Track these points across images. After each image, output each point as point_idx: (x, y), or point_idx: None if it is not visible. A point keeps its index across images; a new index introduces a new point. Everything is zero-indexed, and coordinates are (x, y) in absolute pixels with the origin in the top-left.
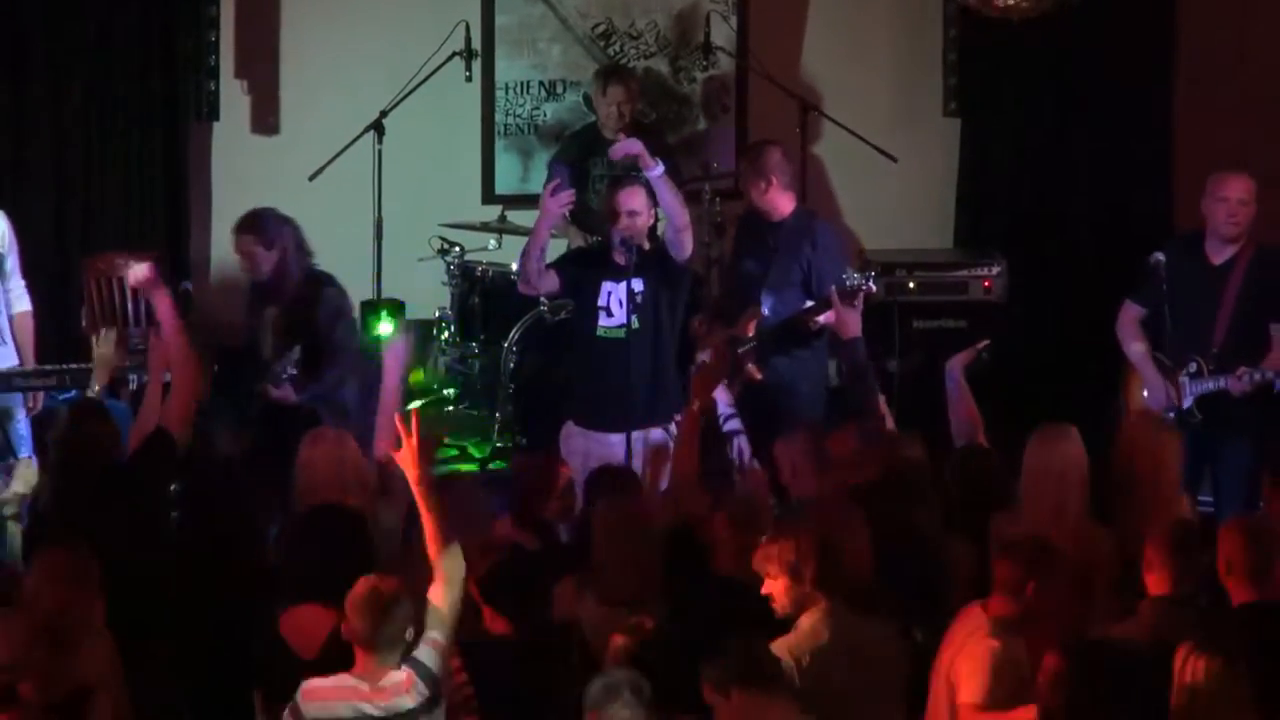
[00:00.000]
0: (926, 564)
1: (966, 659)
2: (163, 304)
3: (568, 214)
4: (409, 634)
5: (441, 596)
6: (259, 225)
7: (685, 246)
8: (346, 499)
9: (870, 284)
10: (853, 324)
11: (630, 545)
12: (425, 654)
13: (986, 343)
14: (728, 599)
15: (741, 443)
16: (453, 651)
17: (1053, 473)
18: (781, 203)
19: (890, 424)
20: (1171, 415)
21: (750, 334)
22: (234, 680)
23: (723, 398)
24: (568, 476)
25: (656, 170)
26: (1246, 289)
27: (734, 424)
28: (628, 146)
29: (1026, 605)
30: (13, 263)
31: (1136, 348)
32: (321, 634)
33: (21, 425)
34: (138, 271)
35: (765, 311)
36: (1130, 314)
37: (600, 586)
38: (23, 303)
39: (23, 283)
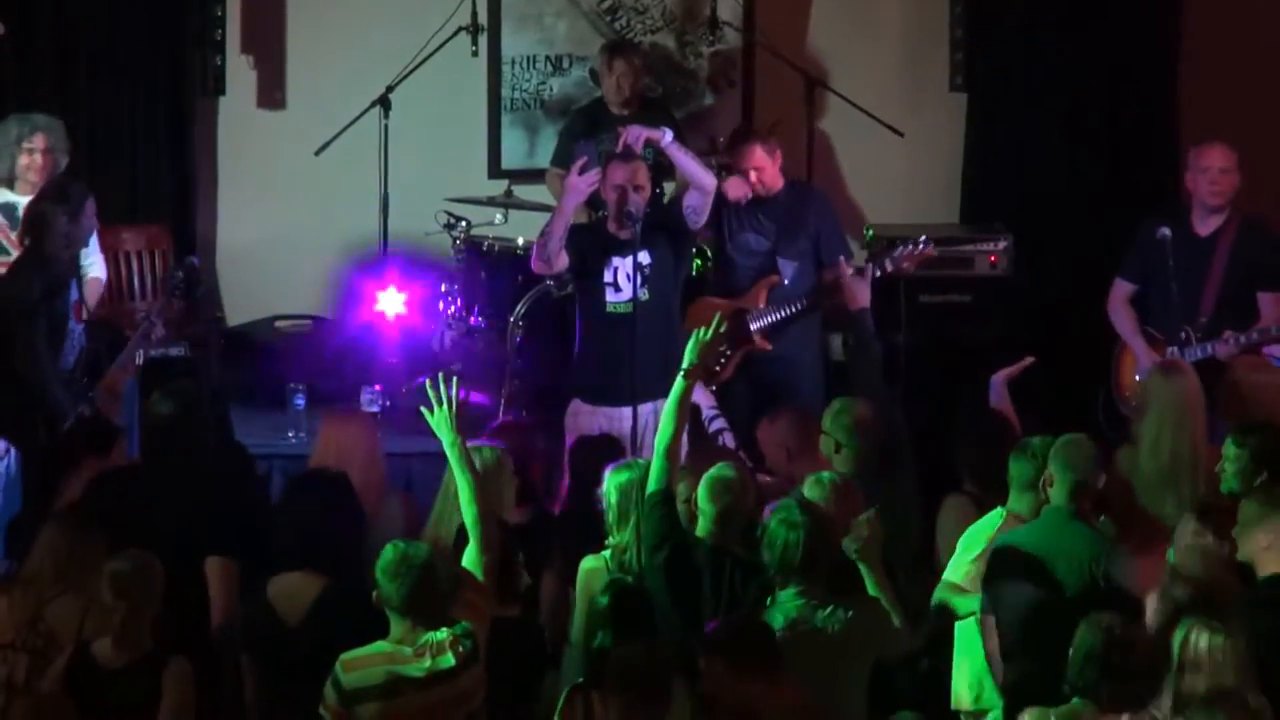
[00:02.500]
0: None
1: None
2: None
3: None
4: (445, 595)
5: (477, 559)
6: None
7: (704, 214)
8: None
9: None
10: (861, 295)
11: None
12: (464, 614)
13: (1031, 360)
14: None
15: (727, 439)
16: (489, 609)
17: (1168, 403)
18: (774, 181)
19: None
20: None
21: (762, 304)
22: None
23: (704, 399)
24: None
25: (667, 137)
26: (1234, 259)
27: (719, 423)
28: (634, 135)
29: None
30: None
31: (1126, 324)
32: (308, 599)
33: None
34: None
35: (785, 282)
36: (1120, 291)
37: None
38: (96, 269)
39: (96, 254)
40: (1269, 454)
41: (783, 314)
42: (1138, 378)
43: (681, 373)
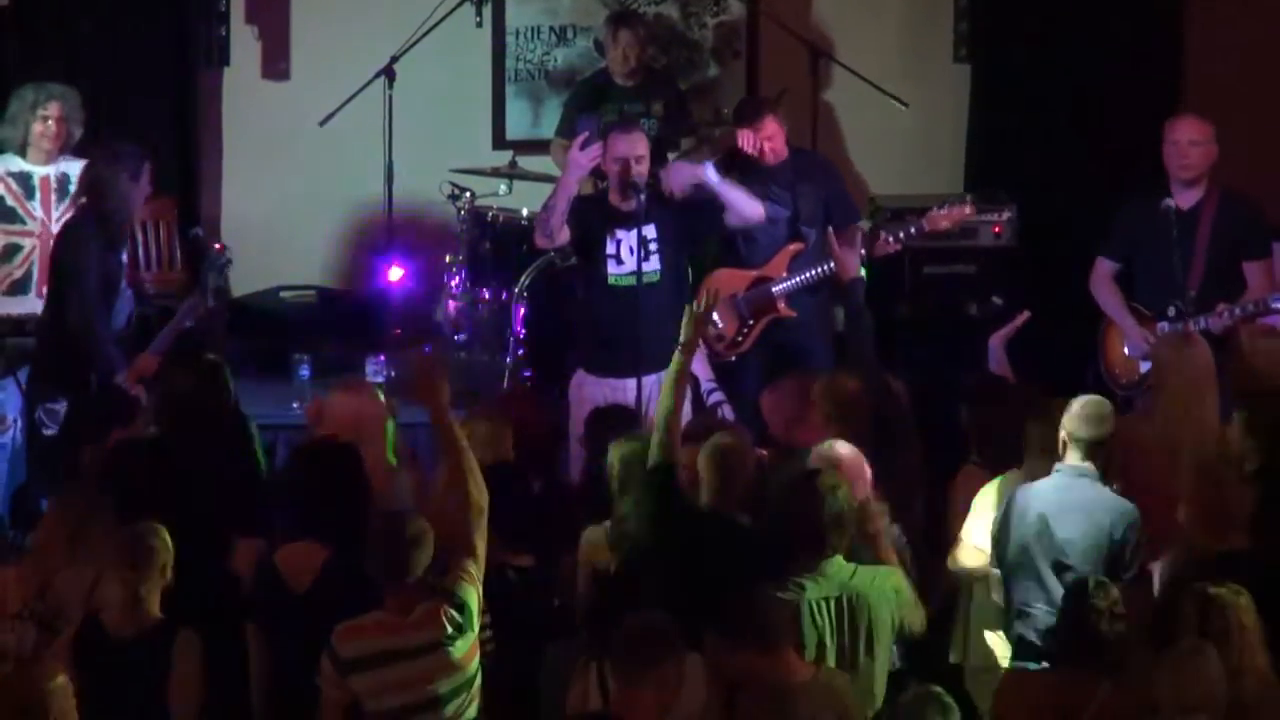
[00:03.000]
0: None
1: None
2: None
3: None
4: (431, 566)
5: (469, 527)
6: None
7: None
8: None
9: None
10: (851, 265)
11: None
12: (456, 583)
13: (1027, 315)
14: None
15: (726, 412)
16: (480, 578)
17: (1184, 375)
18: (782, 150)
19: None
20: (1147, 364)
21: (784, 272)
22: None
23: (703, 372)
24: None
25: (712, 175)
26: (1217, 232)
27: (717, 395)
28: (678, 181)
29: None
30: None
31: (1112, 301)
32: (313, 568)
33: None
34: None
35: (807, 248)
36: (1103, 269)
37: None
38: None
39: None
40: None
41: (808, 278)
42: (1127, 352)
43: (679, 348)
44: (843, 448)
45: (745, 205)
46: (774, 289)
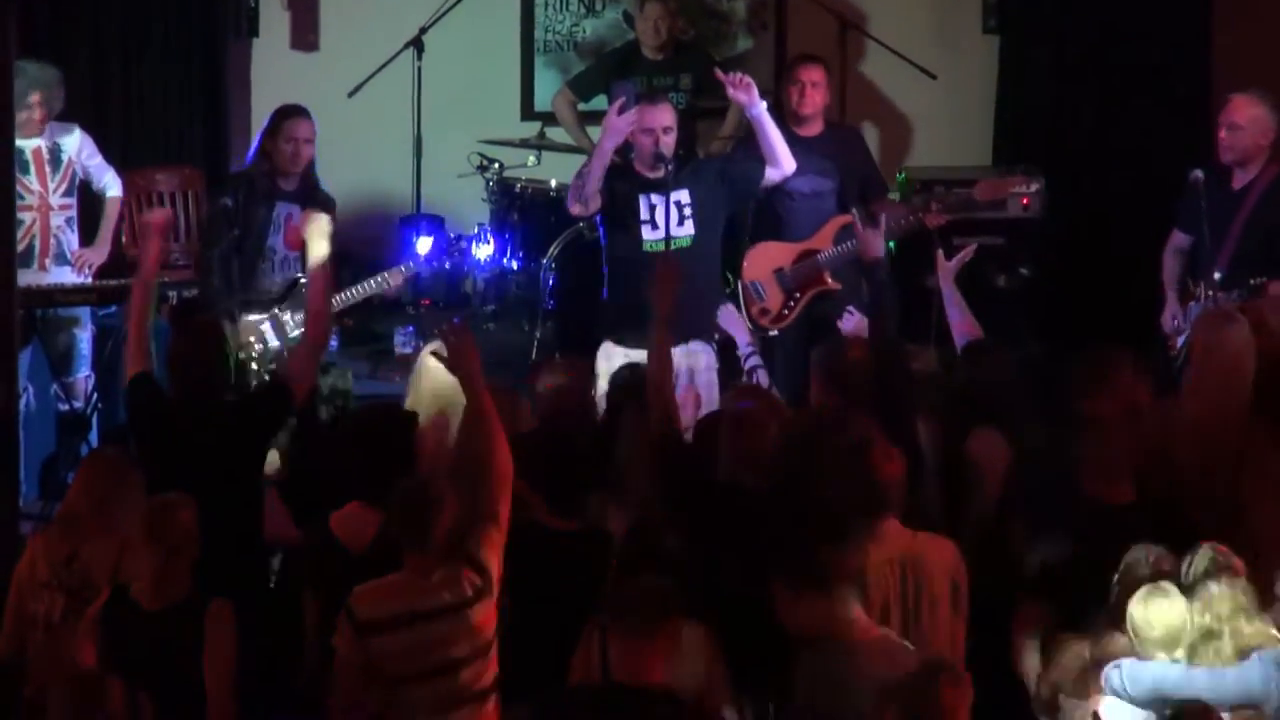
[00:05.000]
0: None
1: None
2: (153, 252)
3: None
4: (454, 528)
5: (494, 493)
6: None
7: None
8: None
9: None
10: (875, 245)
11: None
12: (477, 548)
13: (974, 247)
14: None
15: (760, 377)
16: (502, 545)
17: (1219, 355)
18: (821, 102)
19: None
20: (1181, 339)
21: (830, 244)
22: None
23: (741, 335)
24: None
25: (760, 105)
26: (1259, 213)
27: (754, 360)
28: (742, 90)
29: None
30: (92, 168)
31: (1166, 274)
32: (369, 531)
33: (84, 344)
34: (158, 215)
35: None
36: (1172, 242)
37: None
38: (114, 189)
39: (109, 173)
40: None
41: (852, 249)
42: (1164, 328)
43: (653, 321)
44: None
45: (784, 151)
46: (820, 260)
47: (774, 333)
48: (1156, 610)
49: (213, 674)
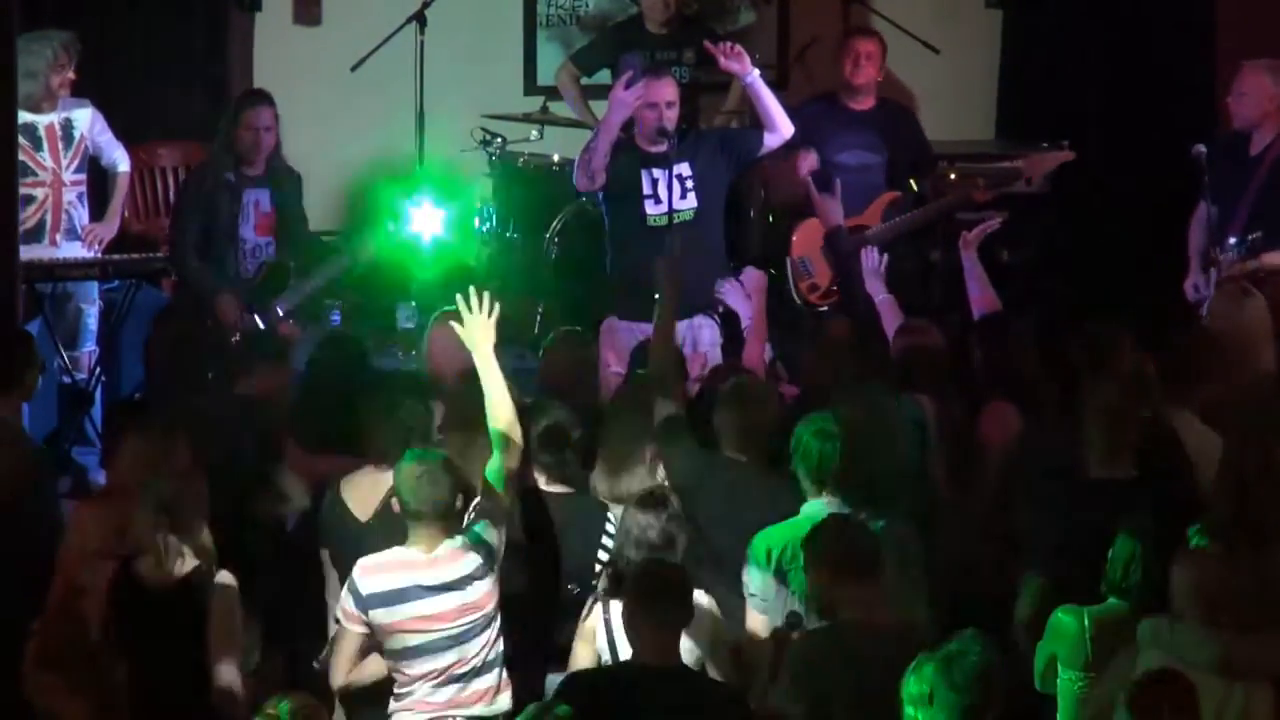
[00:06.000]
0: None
1: None
2: None
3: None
4: (459, 503)
5: (499, 465)
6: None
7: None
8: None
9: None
10: (833, 213)
11: None
12: (479, 522)
13: (997, 220)
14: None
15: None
16: (506, 516)
17: (1237, 327)
18: (875, 75)
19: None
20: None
21: (879, 221)
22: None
23: (744, 309)
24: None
25: (751, 75)
26: (1272, 176)
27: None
28: (734, 58)
29: None
30: (103, 144)
31: (1190, 243)
32: (377, 497)
33: (91, 318)
34: None
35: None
36: (1197, 212)
37: None
38: (123, 165)
39: (118, 149)
40: None
41: (902, 224)
42: (1187, 296)
43: (658, 301)
44: None
45: (780, 116)
46: (869, 235)
47: (824, 308)
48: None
49: (218, 646)
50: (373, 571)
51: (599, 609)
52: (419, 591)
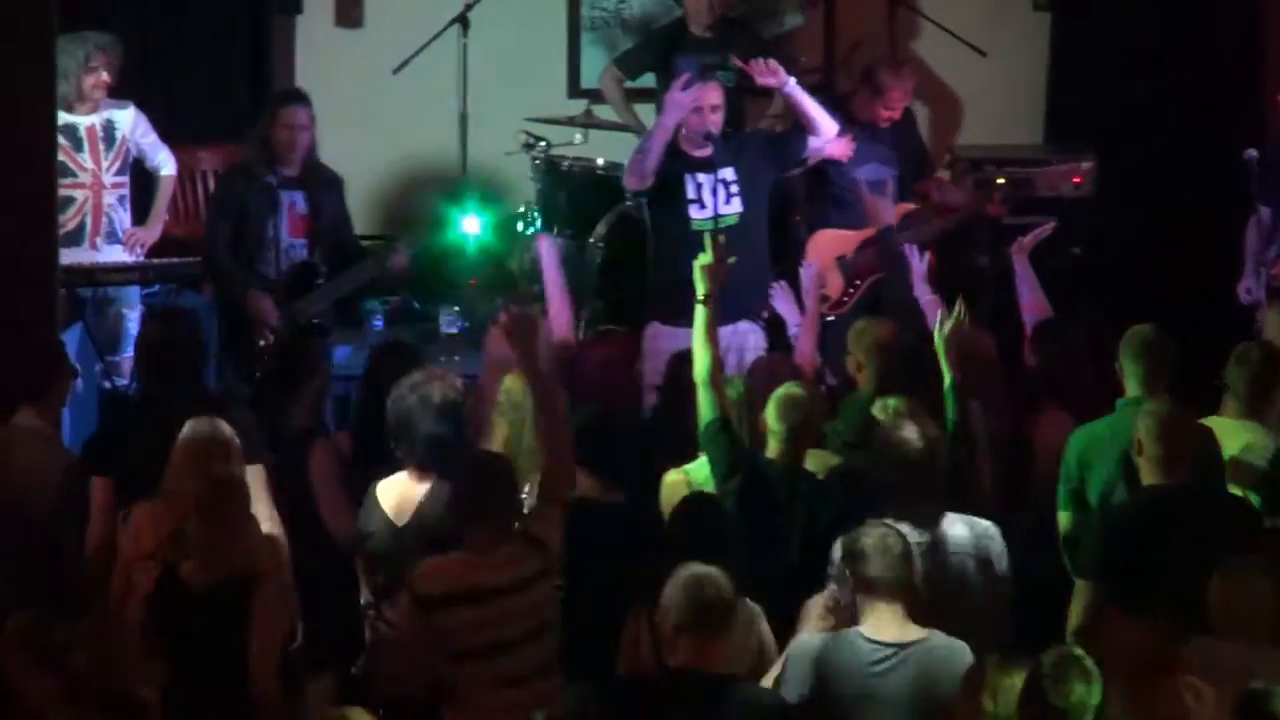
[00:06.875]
0: None
1: None
2: None
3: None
4: (519, 505)
5: (555, 469)
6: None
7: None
8: None
9: None
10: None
11: None
12: (539, 526)
13: (1051, 225)
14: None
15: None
16: (565, 521)
17: None
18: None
19: None
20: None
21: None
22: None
23: (791, 315)
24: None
25: (788, 85)
26: None
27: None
28: (768, 75)
29: None
30: (146, 146)
31: (1246, 248)
32: (414, 501)
33: (131, 323)
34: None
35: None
36: (1256, 215)
37: None
38: (168, 167)
39: (162, 151)
40: None
41: (914, 235)
42: (1240, 300)
43: (699, 301)
44: None
45: (823, 119)
46: (909, 236)
47: (831, 318)
48: None
49: (258, 653)
50: (432, 574)
51: (645, 623)
52: (478, 595)
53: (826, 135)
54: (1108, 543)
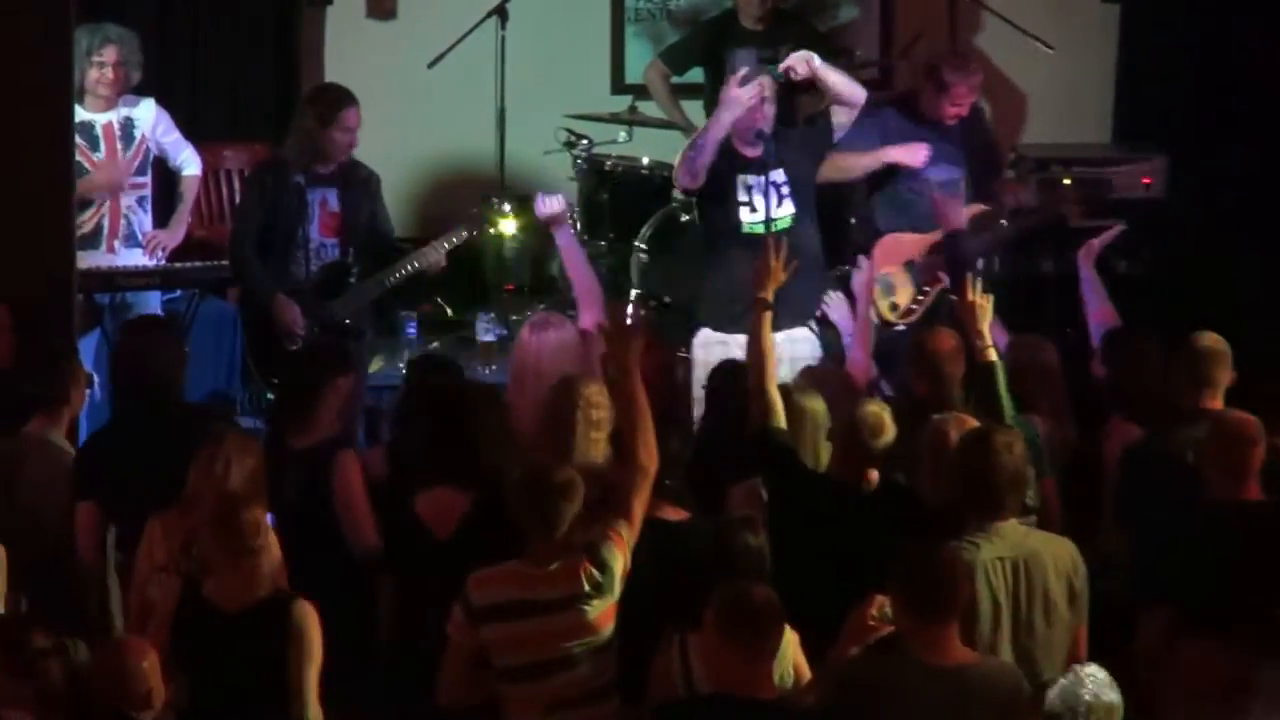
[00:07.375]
0: None
1: None
2: None
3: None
4: (578, 519)
5: (630, 489)
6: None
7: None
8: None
9: None
10: (955, 216)
11: None
12: (602, 542)
13: (1119, 228)
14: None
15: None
16: (632, 541)
17: None
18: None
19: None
20: None
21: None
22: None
23: (845, 324)
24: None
25: (815, 60)
26: None
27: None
28: (798, 64)
29: None
30: (168, 144)
31: None
32: (455, 515)
33: None
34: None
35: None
36: None
37: None
38: (192, 167)
39: (186, 149)
40: None
41: (988, 240)
42: None
43: (754, 305)
44: None
45: (849, 88)
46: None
47: (901, 327)
48: None
49: (299, 676)
50: (486, 584)
51: (677, 645)
52: (532, 607)
53: (855, 104)
54: (1176, 561)
